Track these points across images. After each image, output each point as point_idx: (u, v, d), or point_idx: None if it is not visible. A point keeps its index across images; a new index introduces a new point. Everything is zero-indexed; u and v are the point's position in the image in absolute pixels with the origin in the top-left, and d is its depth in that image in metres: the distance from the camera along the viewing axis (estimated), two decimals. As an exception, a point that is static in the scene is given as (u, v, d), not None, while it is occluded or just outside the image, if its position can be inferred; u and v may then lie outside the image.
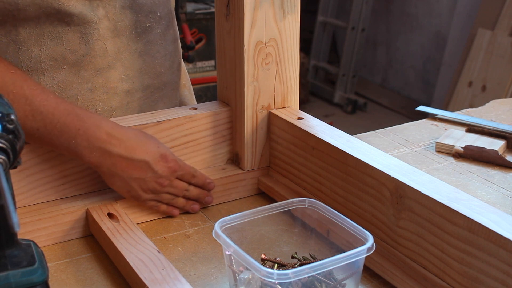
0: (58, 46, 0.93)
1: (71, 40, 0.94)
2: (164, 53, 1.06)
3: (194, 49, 3.25)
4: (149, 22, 1.01)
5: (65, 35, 0.93)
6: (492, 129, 1.20)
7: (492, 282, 0.66)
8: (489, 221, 0.67)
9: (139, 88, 1.03)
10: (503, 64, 3.32)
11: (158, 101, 1.07)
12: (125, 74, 1.00)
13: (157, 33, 1.03)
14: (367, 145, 0.87)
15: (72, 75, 0.95)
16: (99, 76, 0.97)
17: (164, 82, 1.07)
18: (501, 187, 1.02)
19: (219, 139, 1.02)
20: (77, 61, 0.95)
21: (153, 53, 1.03)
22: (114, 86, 0.99)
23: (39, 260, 0.60)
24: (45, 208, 0.88)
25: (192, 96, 1.25)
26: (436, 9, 4.13)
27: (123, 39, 0.98)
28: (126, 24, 0.98)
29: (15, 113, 0.59)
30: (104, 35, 0.96)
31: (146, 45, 1.02)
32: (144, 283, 0.71)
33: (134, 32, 0.99)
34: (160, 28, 1.04)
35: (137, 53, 1.01)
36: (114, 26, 0.96)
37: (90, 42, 0.95)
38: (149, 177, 0.88)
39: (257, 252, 0.79)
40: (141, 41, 1.01)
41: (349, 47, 4.30)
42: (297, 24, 0.97)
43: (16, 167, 0.61)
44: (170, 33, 1.08)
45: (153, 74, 1.04)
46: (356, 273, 0.72)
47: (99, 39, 0.95)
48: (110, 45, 0.97)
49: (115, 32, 0.97)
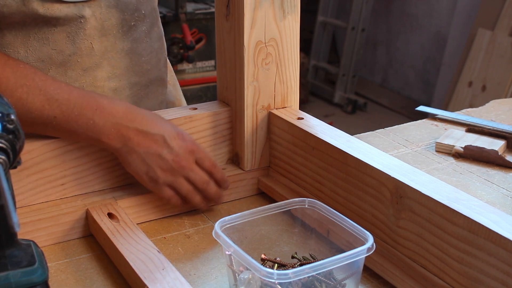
0: (44, 46, 0.93)
1: (57, 41, 0.94)
2: (150, 50, 1.06)
3: (194, 49, 3.25)
4: (134, 21, 1.01)
5: (51, 36, 0.93)
6: (492, 129, 1.20)
7: (492, 282, 0.66)
8: (489, 221, 0.67)
9: (126, 86, 1.03)
10: (503, 64, 3.32)
11: (144, 98, 1.07)
12: (112, 72, 1.00)
13: (142, 31, 1.03)
14: (367, 145, 0.87)
15: (60, 75, 0.95)
16: (86, 76, 0.97)
17: (150, 80, 1.07)
18: (501, 187, 1.02)
19: (219, 139, 1.02)
20: (64, 61, 0.95)
21: (140, 51, 1.03)
22: (101, 84, 0.99)
23: (39, 260, 0.60)
24: (45, 208, 0.88)
25: (178, 91, 1.24)
26: (436, 9, 4.13)
27: (110, 38, 0.98)
28: (113, 23, 0.97)
29: (15, 113, 0.59)
30: (90, 34, 0.95)
31: (132, 43, 1.02)
32: (144, 283, 0.71)
33: (120, 31, 0.99)
34: (145, 26, 1.04)
35: (124, 51, 1.01)
36: (101, 26, 0.96)
37: (77, 42, 0.95)
38: (165, 153, 0.88)
39: (257, 252, 0.79)
40: (128, 40, 1.01)
41: (349, 47, 4.29)
42: (297, 24, 0.97)
43: (16, 167, 0.61)
44: (155, 30, 1.08)
45: (140, 72, 1.04)
46: (356, 273, 0.72)
47: (85, 39, 0.95)
48: (97, 44, 0.97)
49: (102, 31, 0.96)
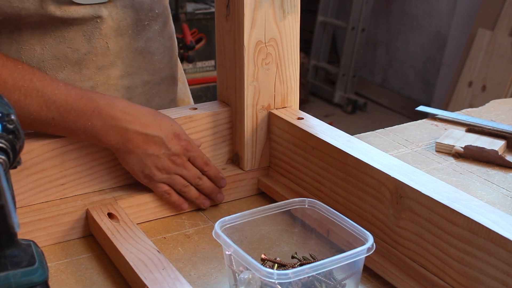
0: (60, 45, 0.94)
1: (73, 39, 0.94)
2: (162, 49, 1.07)
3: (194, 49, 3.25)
4: (148, 20, 1.02)
5: (67, 34, 0.94)
6: (492, 129, 1.20)
7: (492, 282, 0.66)
8: (489, 221, 0.67)
9: (139, 84, 1.04)
10: (503, 64, 3.32)
11: (155, 96, 1.08)
12: (126, 71, 1.01)
13: (155, 30, 1.04)
14: (367, 145, 0.87)
15: (74, 73, 0.96)
16: (100, 74, 0.98)
17: (162, 78, 1.08)
18: (501, 187, 1.02)
19: (219, 139, 1.02)
20: (79, 59, 0.96)
21: (153, 50, 1.04)
22: (114, 83, 1.00)
23: (39, 260, 0.60)
24: (45, 208, 0.88)
25: (186, 88, 1.26)
26: (436, 9, 4.13)
27: (125, 37, 0.99)
28: (128, 22, 0.98)
29: (15, 113, 0.59)
30: (106, 34, 0.96)
31: (146, 42, 1.03)
32: (144, 283, 0.71)
33: (135, 30, 1.00)
34: (158, 25, 1.05)
35: (137, 50, 1.02)
36: (117, 25, 0.97)
37: (92, 41, 0.96)
38: (162, 154, 0.89)
39: (257, 252, 0.79)
40: (141, 39, 1.02)
41: (349, 47, 4.29)
42: (297, 24, 0.97)
43: (16, 167, 0.61)
44: (167, 29, 1.09)
45: (152, 70, 1.05)
46: (356, 273, 0.72)
47: (101, 38, 0.96)
48: (113, 43, 0.98)
49: (118, 31, 0.97)
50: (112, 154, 0.92)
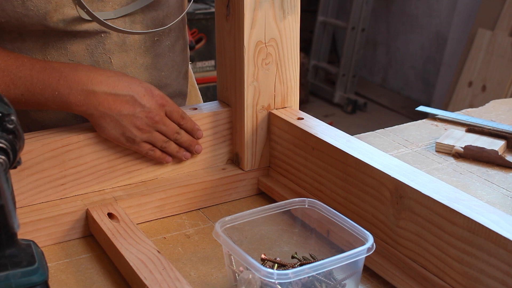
0: (62, 56, 0.93)
1: (75, 52, 0.94)
2: (171, 64, 1.05)
3: (194, 49, 3.26)
4: (158, 36, 1.00)
5: (70, 46, 0.93)
6: (492, 129, 1.20)
7: (492, 282, 0.66)
8: (489, 221, 0.67)
9: None
10: (503, 64, 3.32)
11: None
12: None
13: (166, 45, 1.02)
14: (367, 145, 0.87)
15: None
16: None
17: (169, 93, 1.06)
18: (501, 187, 1.02)
19: (219, 139, 1.02)
20: None
21: (160, 66, 1.03)
22: None
23: (39, 260, 0.60)
24: (45, 208, 0.88)
25: (197, 91, 1.25)
26: (436, 9, 4.13)
27: (131, 53, 0.98)
28: (135, 38, 0.97)
29: (15, 113, 0.59)
30: (110, 49, 0.95)
31: (153, 58, 1.01)
32: (144, 283, 0.71)
33: (142, 46, 0.99)
34: (169, 40, 1.03)
35: (143, 66, 1.00)
36: (123, 41, 0.96)
37: (95, 55, 0.95)
38: (138, 112, 0.89)
39: (257, 252, 0.79)
40: (149, 55, 1.00)
41: (349, 47, 4.30)
42: (297, 24, 0.97)
43: (16, 167, 0.61)
44: (180, 43, 1.06)
45: (158, 86, 1.03)
46: (356, 273, 0.72)
47: (104, 53, 0.95)
48: (116, 59, 0.97)
49: (123, 47, 0.96)
50: (112, 154, 0.92)
